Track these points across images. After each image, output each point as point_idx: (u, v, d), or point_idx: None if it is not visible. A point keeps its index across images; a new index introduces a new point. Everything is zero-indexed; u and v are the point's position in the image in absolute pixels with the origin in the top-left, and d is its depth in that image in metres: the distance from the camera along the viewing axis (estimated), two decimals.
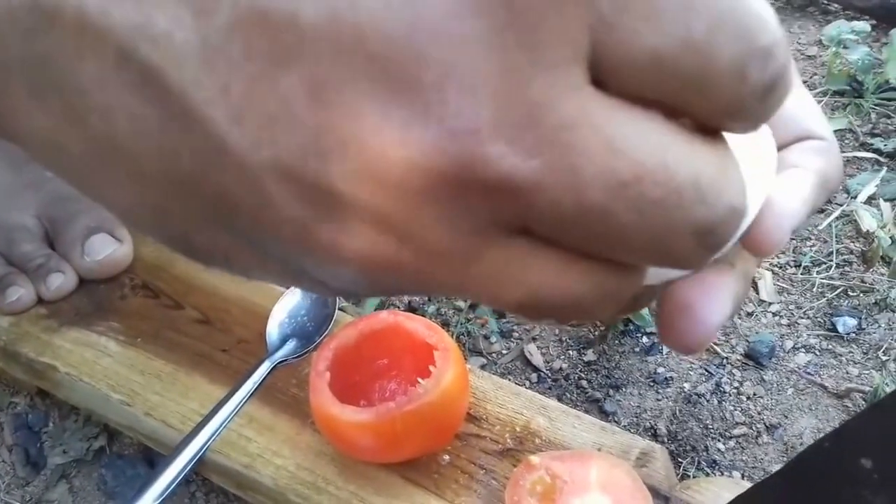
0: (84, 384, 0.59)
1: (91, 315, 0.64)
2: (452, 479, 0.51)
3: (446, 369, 0.48)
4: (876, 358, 0.68)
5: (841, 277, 0.75)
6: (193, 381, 0.58)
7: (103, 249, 0.67)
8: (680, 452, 0.63)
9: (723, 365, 0.69)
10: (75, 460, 0.64)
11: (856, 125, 0.91)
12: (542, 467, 0.48)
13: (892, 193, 0.82)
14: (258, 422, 0.55)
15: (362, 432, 0.47)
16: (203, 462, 0.53)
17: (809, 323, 0.72)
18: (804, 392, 0.67)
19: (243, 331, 0.62)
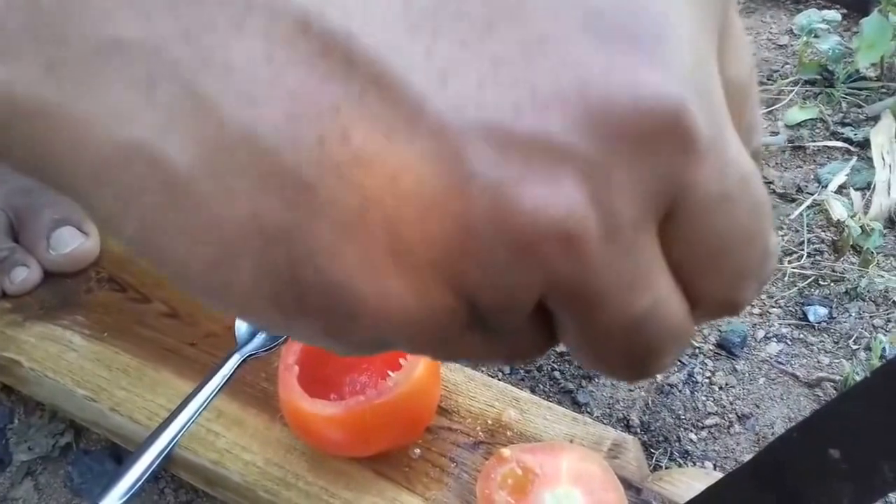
0: (48, 379, 0.58)
1: (56, 309, 0.63)
2: (423, 473, 0.50)
3: (417, 362, 0.48)
4: (846, 347, 0.69)
5: (812, 267, 0.76)
6: (161, 376, 0.57)
7: (70, 243, 0.66)
8: (652, 443, 0.64)
9: (695, 355, 0.69)
10: (41, 457, 0.63)
11: (826, 114, 0.91)
12: (514, 460, 0.48)
13: (862, 182, 0.82)
14: (227, 417, 0.54)
15: (332, 426, 0.46)
16: (171, 458, 0.52)
17: (781, 312, 0.72)
18: (776, 381, 0.67)
19: (212, 324, 0.61)
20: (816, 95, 0.94)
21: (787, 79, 0.96)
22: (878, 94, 0.93)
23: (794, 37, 1.01)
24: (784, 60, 1.00)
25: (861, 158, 0.85)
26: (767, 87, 0.95)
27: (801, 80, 0.95)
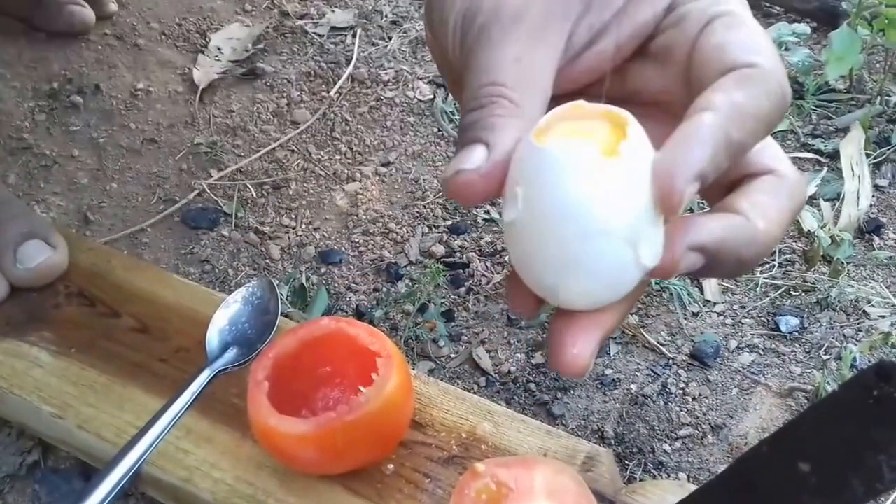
0: (14, 396, 0.57)
1: (23, 325, 0.62)
2: (396, 489, 0.50)
3: (389, 377, 0.47)
4: (818, 357, 0.69)
5: (784, 277, 0.76)
6: (129, 392, 0.56)
7: (37, 256, 0.64)
8: (627, 454, 0.63)
9: (669, 366, 0.69)
10: (8, 475, 0.62)
11: (797, 126, 0.92)
12: (488, 475, 0.47)
13: (832, 193, 0.83)
14: (196, 433, 0.53)
15: (302, 444, 0.46)
16: (139, 476, 0.51)
17: (753, 322, 0.73)
18: (748, 392, 0.67)
19: (182, 339, 0.60)
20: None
21: None
22: (847, 105, 0.94)
23: None
24: None
25: (831, 169, 0.86)
26: None
27: None
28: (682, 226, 0.27)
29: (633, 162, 0.26)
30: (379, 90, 1.00)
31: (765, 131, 0.28)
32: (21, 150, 0.90)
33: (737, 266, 0.29)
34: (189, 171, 0.89)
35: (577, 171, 0.25)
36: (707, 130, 0.26)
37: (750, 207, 0.29)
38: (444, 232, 0.83)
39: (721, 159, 0.26)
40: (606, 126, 0.27)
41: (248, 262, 0.80)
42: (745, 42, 0.29)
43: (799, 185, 0.31)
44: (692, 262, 0.28)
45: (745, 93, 0.27)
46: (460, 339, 0.73)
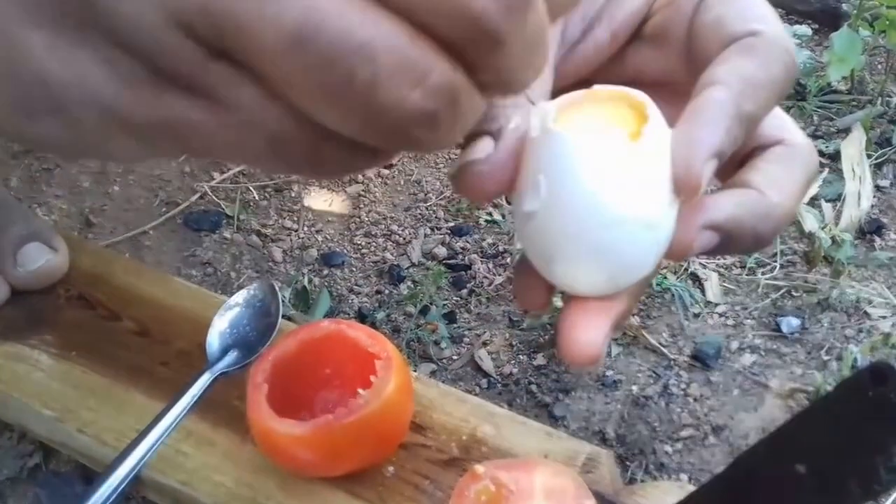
0: (15, 400, 0.57)
1: (23, 328, 0.62)
2: (397, 492, 0.50)
3: (388, 379, 0.47)
4: (819, 358, 0.69)
5: (785, 278, 0.76)
6: (129, 396, 0.56)
7: (37, 259, 0.65)
8: (628, 456, 0.63)
9: (670, 367, 0.69)
10: (9, 479, 0.62)
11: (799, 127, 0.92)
12: (487, 476, 0.47)
13: (833, 194, 0.83)
14: (196, 436, 0.53)
15: (301, 447, 0.46)
16: (140, 479, 0.51)
17: (754, 323, 0.73)
18: (749, 393, 0.67)
19: (183, 342, 0.60)
20: (789, 109, 0.95)
21: None
22: (848, 107, 0.94)
23: None
24: None
25: (832, 170, 0.86)
26: None
27: None
28: (697, 205, 0.27)
29: (654, 146, 0.25)
30: None
31: (776, 99, 0.28)
32: (23, 153, 0.90)
33: (754, 241, 0.28)
34: (191, 174, 0.89)
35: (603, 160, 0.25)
36: (718, 106, 0.26)
37: (763, 180, 0.28)
38: (446, 234, 0.83)
39: (736, 133, 0.26)
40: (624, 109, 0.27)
41: (250, 265, 0.80)
42: (744, 11, 0.28)
43: (809, 152, 0.30)
44: (707, 240, 0.27)
45: (751, 62, 0.27)
46: (462, 341, 0.73)
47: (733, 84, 0.26)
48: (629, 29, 0.32)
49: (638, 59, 0.32)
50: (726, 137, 0.25)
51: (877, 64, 0.99)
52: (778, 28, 0.28)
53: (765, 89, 0.27)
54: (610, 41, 0.32)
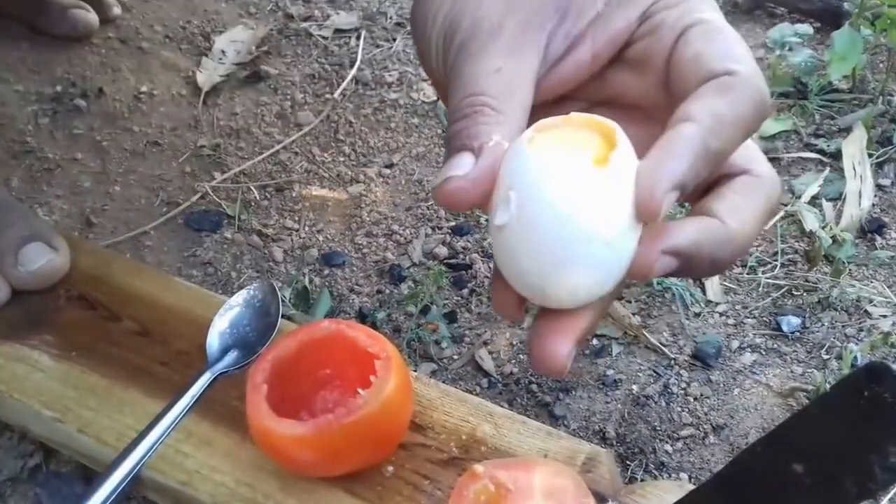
0: (15, 400, 0.57)
1: (24, 328, 0.62)
2: (396, 492, 0.50)
3: (387, 379, 0.47)
4: (819, 357, 0.69)
5: (786, 277, 0.76)
6: (130, 396, 0.56)
7: (38, 259, 0.65)
8: (628, 455, 0.63)
9: (671, 366, 0.69)
10: (10, 479, 0.62)
11: (800, 126, 0.92)
12: (486, 476, 0.47)
13: (834, 193, 0.83)
14: (196, 436, 0.53)
15: (301, 447, 0.46)
16: (140, 479, 0.51)
17: (755, 322, 0.73)
18: (750, 392, 0.67)
19: (183, 342, 0.60)
20: (790, 108, 0.95)
21: None
22: (850, 105, 0.94)
23: (768, 50, 1.02)
24: None
25: (833, 169, 0.86)
26: None
27: (775, 92, 0.96)
28: (659, 230, 0.28)
29: (619, 172, 0.27)
30: (383, 92, 1.00)
31: (743, 137, 0.29)
32: (24, 153, 0.90)
33: (711, 266, 0.30)
34: (192, 174, 0.89)
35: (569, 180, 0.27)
36: (686, 143, 0.27)
37: (725, 209, 0.30)
38: (447, 233, 0.83)
39: (699, 168, 0.28)
40: (595, 136, 0.29)
41: (251, 265, 0.80)
42: (722, 50, 0.30)
43: (773, 183, 0.32)
44: (666, 264, 0.29)
45: (724, 101, 0.28)
46: (463, 341, 0.73)
47: (704, 121, 0.28)
48: (611, 51, 0.33)
49: (618, 81, 0.34)
50: (689, 171, 0.27)
51: (878, 63, 0.99)
52: (752, 69, 0.29)
53: (733, 127, 0.29)
54: (591, 61, 0.33)
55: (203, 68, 1.01)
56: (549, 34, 0.32)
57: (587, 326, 0.30)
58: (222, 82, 1.00)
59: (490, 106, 0.30)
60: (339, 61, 1.04)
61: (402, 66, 1.04)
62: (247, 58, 1.04)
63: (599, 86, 0.34)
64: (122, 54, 1.04)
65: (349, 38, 1.08)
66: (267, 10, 1.13)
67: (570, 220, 0.27)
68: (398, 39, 1.08)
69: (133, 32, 1.07)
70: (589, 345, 0.71)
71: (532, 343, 0.30)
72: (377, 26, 1.10)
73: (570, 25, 0.32)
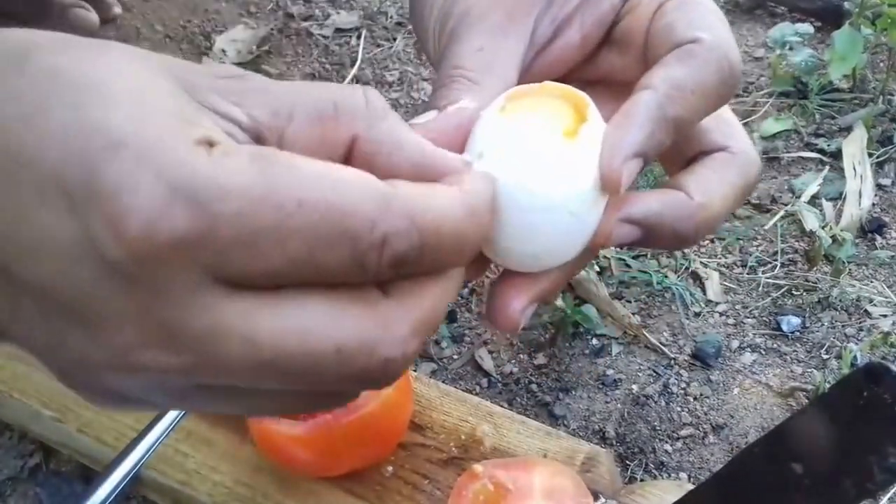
0: (15, 400, 0.57)
1: None
2: (396, 491, 0.50)
3: None
4: (819, 357, 0.69)
5: (786, 277, 0.76)
6: None
7: None
8: (628, 455, 0.63)
9: (670, 366, 0.69)
10: (10, 478, 0.62)
11: (800, 126, 0.92)
12: (486, 476, 0.47)
13: (834, 193, 0.83)
14: (196, 436, 0.53)
15: (300, 446, 0.46)
16: (139, 479, 0.51)
17: (755, 322, 0.73)
18: (749, 392, 0.67)
19: None
20: (791, 107, 0.95)
21: (761, 91, 0.97)
22: (850, 105, 0.93)
23: (769, 49, 1.02)
24: (759, 73, 1.00)
25: (833, 169, 0.86)
26: (743, 100, 0.96)
27: (775, 92, 0.96)
28: (621, 200, 0.29)
29: (587, 144, 0.28)
30: (383, 91, 1.00)
31: (710, 106, 0.29)
32: None
33: (675, 239, 0.30)
34: None
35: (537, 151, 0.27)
36: (642, 110, 0.28)
37: (693, 183, 0.30)
38: None
39: (660, 136, 0.28)
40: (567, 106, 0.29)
41: None
42: (692, 19, 0.30)
43: (749, 161, 0.32)
44: (626, 233, 0.29)
45: (684, 68, 0.28)
46: (463, 341, 0.73)
47: (661, 88, 0.28)
48: (599, 33, 0.34)
49: (608, 62, 0.34)
50: (648, 140, 0.28)
51: (878, 62, 0.99)
52: (721, 36, 0.29)
53: (695, 94, 0.29)
54: (580, 44, 0.33)
55: None
56: (536, 19, 0.33)
57: (547, 288, 0.30)
58: None
59: (466, 77, 0.31)
60: (339, 61, 1.04)
61: (403, 65, 1.04)
62: (247, 57, 1.04)
63: (591, 68, 0.35)
64: None
65: (350, 37, 1.08)
66: (267, 10, 1.13)
67: (536, 190, 0.27)
68: (399, 39, 1.08)
69: (134, 32, 1.07)
70: (589, 344, 0.71)
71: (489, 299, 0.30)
72: (377, 26, 1.10)
73: (557, 10, 0.33)
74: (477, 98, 0.30)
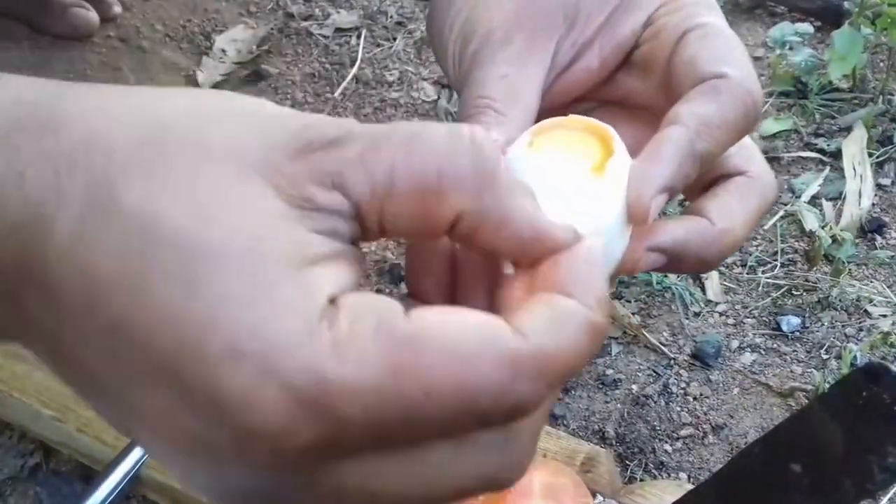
0: (15, 400, 0.57)
1: None
2: None
3: None
4: (819, 357, 0.69)
5: (786, 277, 0.76)
6: None
7: None
8: (628, 455, 0.63)
9: (670, 366, 0.69)
10: (10, 478, 0.62)
11: (800, 126, 0.92)
12: None
13: (834, 193, 0.83)
14: None
15: None
16: (139, 479, 0.51)
17: (755, 322, 0.73)
18: (749, 392, 0.67)
19: None
20: (791, 107, 0.95)
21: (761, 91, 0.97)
22: (850, 105, 0.94)
23: (769, 49, 1.02)
24: (759, 73, 1.00)
25: (833, 169, 0.86)
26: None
27: (775, 91, 0.96)
28: (648, 229, 0.29)
29: (613, 177, 0.28)
30: (383, 91, 1.00)
31: (733, 139, 0.30)
32: None
33: (698, 264, 0.31)
34: None
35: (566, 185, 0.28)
36: (672, 146, 0.28)
37: (715, 209, 0.31)
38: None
39: (687, 170, 0.29)
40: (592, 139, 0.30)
41: None
42: (716, 53, 0.30)
43: (768, 185, 0.32)
44: (653, 261, 0.30)
45: (712, 104, 0.29)
46: None
47: (690, 124, 0.29)
48: (618, 57, 0.34)
49: (626, 85, 0.35)
50: (676, 174, 0.28)
51: (878, 62, 0.99)
52: (744, 72, 0.30)
53: (721, 129, 0.29)
54: (599, 67, 0.34)
55: (203, 67, 1.02)
56: (557, 43, 0.33)
57: None
58: (223, 81, 1.00)
59: (493, 108, 0.31)
60: (339, 60, 1.04)
61: (403, 65, 1.04)
62: (247, 57, 1.04)
63: (610, 88, 0.35)
64: (123, 53, 1.04)
65: (350, 37, 1.08)
66: (267, 10, 1.13)
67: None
68: (399, 39, 1.08)
69: (134, 32, 1.07)
70: None
71: None
72: (377, 25, 1.10)
73: (578, 34, 0.33)
74: (505, 131, 0.30)
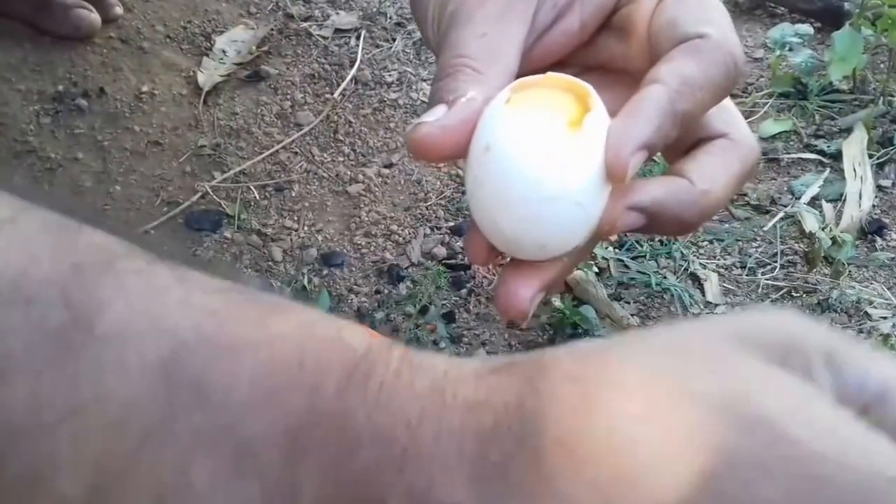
0: None
1: None
2: None
3: None
4: None
5: (785, 278, 0.76)
6: None
7: None
8: None
9: None
10: None
11: (800, 127, 0.92)
12: None
13: (834, 194, 0.83)
14: None
15: None
16: None
17: None
18: None
19: None
20: (790, 108, 0.95)
21: (761, 92, 0.97)
22: (850, 106, 0.94)
23: (768, 50, 1.02)
24: (759, 73, 1.00)
25: (834, 170, 0.86)
26: (742, 100, 0.96)
27: (775, 93, 0.96)
28: (625, 188, 0.29)
29: (591, 134, 0.28)
30: (383, 92, 1.00)
31: (714, 99, 0.30)
32: (26, 153, 0.90)
33: (678, 225, 0.31)
34: (192, 174, 0.89)
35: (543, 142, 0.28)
36: (653, 104, 0.28)
37: (696, 170, 0.31)
38: (446, 233, 0.83)
39: (667, 130, 0.29)
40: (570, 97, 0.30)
41: (250, 265, 0.80)
42: (696, 14, 0.30)
43: (750, 148, 0.32)
44: (632, 220, 0.30)
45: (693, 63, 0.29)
46: (461, 341, 0.73)
47: (671, 83, 0.29)
48: (599, 19, 0.34)
49: (607, 48, 0.35)
50: (656, 133, 0.28)
51: (879, 63, 0.99)
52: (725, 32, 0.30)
53: (702, 90, 0.29)
54: (580, 30, 0.34)
55: (204, 68, 1.02)
56: (537, 4, 0.33)
57: (554, 276, 0.31)
58: (223, 82, 1.00)
59: (471, 66, 0.31)
60: (338, 61, 1.04)
61: (402, 66, 1.04)
62: (247, 58, 1.04)
63: (591, 53, 0.35)
64: (124, 54, 1.04)
65: (349, 38, 1.08)
66: (267, 10, 1.13)
67: (542, 181, 0.28)
68: (398, 39, 1.08)
69: (134, 32, 1.07)
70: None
71: (498, 289, 0.31)
72: (377, 26, 1.10)
73: None
74: (483, 90, 0.30)
